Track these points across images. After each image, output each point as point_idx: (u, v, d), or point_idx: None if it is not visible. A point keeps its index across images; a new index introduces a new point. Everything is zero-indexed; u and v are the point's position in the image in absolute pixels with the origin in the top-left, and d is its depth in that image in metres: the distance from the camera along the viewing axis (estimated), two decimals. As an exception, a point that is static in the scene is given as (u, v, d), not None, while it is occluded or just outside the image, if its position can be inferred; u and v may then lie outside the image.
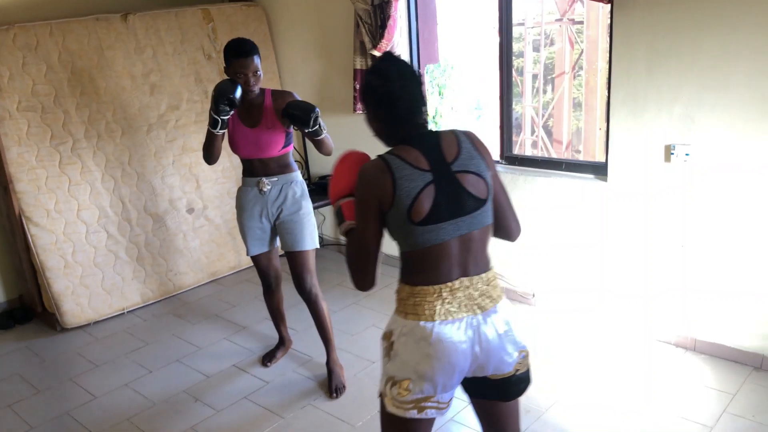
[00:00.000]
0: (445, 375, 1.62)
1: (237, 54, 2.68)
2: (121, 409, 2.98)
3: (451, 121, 6.92)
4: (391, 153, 1.64)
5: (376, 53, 3.70)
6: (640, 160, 3.05)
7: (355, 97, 4.05)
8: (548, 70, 7.18)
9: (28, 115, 3.61)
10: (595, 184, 3.26)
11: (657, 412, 2.67)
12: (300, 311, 3.07)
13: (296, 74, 4.61)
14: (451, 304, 1.62)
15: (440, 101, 6.48)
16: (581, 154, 6.80)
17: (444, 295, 1.61)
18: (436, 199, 1.59)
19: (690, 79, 2.80)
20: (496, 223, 1.73)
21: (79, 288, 3.78)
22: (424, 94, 1.71)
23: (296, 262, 2.93)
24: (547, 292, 3.61)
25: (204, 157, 2.86)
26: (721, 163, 2.80)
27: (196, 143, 4.17)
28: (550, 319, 3.51)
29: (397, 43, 3.73)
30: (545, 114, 7.00)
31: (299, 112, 2.67)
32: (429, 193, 1.59)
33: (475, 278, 1.65)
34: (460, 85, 7.01)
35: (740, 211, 2.81)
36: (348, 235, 1.74)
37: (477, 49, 6.76)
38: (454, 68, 6.79)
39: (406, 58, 3.94)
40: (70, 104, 3.75)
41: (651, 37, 2.85)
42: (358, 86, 3.96)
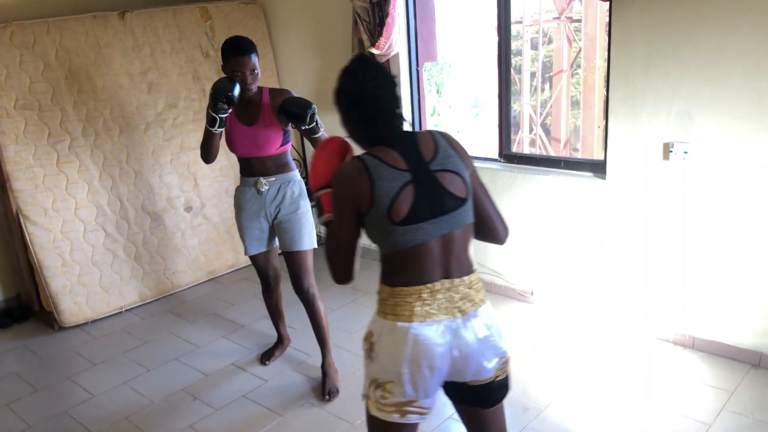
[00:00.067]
0: (423, 378, 1.60)
1: (235, 52, 2.66)
2: (120, 408, 2.97)
3: (450, 120, 6.92)
4: (369, 154, 1.62)
5: (375, 51, 3.69)
6: (638, 158, 3.05)
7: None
8: (546, 68, 7.17)
9: (25, 113, 3.60)
10: (594, 182, 3.26)
11: (655, 409, 2.67)
12: (298, 310, 3.07)
13: (294, 72, 4.60)
14: (431, 305, 1.60)
15: (438, 99, 6.48)
16: (579, 152, 6.79)
17: (424, 296, 1.59)
18: (416, 199, 1.57)
19: (688, 77, 2.80)
20: (481, 225, 1.71)
21: (76, 286, 3.78)
22: (398, 95, 1.69)
23: (294, 262, 2.93)
24: (545, 290, 3.61)
25: (202, 155, 2.85)
26: (720, 162, 2.81)
27: (194, 141, 4.17)
28: (549, 317, 3.51)
29: (396, 40, 3.72)
30: (543, 112, 6.99)
31: (296, 108, 2.67)
32: (408, 193, 1.57)
33: (456, 280, 1.62)
34: (459, 84, 7.01)
35: (738, 208, 2.81)
36: (327, 227, 1.71)
37: (475, 47, 6.75)
38: (453, 66, 6.79)
39: (405, 56, 3.94)
40: (68, 102, 3.74)
41: (649, 35, 2.85)
42: None
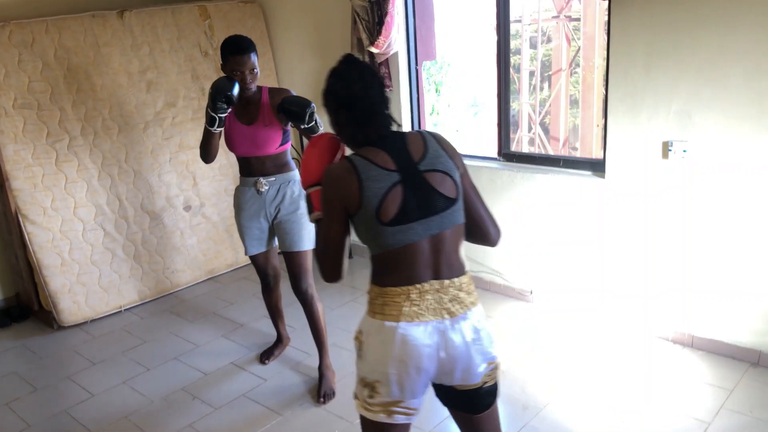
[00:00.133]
0: (409, 378, 1.60)
1: (234, 51, 2.66)
2: (119, 407, 2.97)
3: (449, 119, 6.92)
4: (357, 154, 1.62)
5: (374, 50, 3.69)
6: (637, 157, 3.05)
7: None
8: (545, 67, 7.17)
9: (24, 113, 3.60)
10: (593, 180, 3.26)
11: (655, 408, 2.68)
12: (298, 309, 3.07)
13: (293, 71, 4.60)
14: (419, 306, 1.59)
15: (437, 98, 6.48)
16: (578, 151, 6.80)
17: (412, 296, 1.59)
18: (405, 199, 1.57)
19: (688, 76, 2.80)
20: (472, 227, 1.69)
21: (75, 286, 3.77)
22: (386, 96, 1.68)
23: (293, 263, 2.92)
24: (545, 289, 3.61)
25: (201, 155, 2.84)
26: (719, 160, 2.81)
27: (193, 140, 4.16)
28: (549, 316, 3.51)
29: (395, 39, 3.72)
30: (542, 111, 6.99)
31: (295, 107, 2.66)
32: (397, 193, 1.56)
33: (446, 282, 1.61)
34: (458, 82, 7.01)
35: (738, 207, 2.81)
36: (317, 225, 1.71)
37: (474, 46, 6.75)
38: (452, 65, 6.79)
39: (404, 55, 3.94)
40: (66, 101, 3.73)
41: (649, 35, 2.85)
42: None
